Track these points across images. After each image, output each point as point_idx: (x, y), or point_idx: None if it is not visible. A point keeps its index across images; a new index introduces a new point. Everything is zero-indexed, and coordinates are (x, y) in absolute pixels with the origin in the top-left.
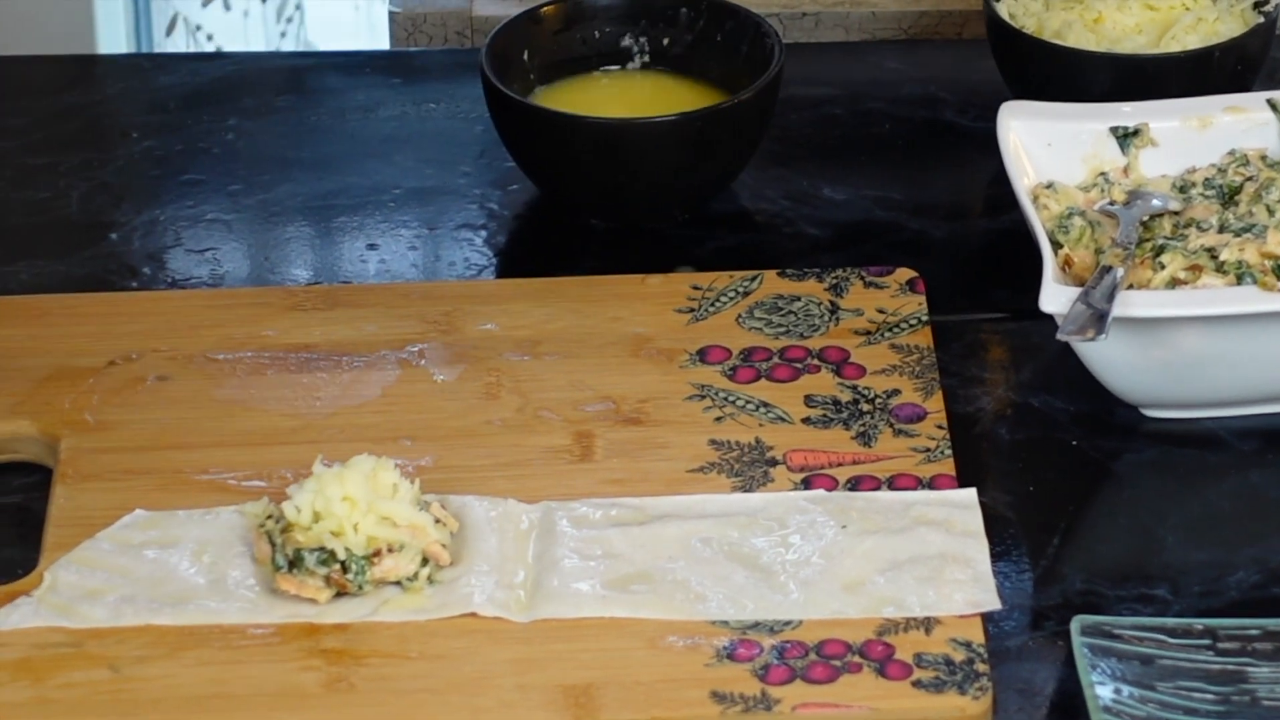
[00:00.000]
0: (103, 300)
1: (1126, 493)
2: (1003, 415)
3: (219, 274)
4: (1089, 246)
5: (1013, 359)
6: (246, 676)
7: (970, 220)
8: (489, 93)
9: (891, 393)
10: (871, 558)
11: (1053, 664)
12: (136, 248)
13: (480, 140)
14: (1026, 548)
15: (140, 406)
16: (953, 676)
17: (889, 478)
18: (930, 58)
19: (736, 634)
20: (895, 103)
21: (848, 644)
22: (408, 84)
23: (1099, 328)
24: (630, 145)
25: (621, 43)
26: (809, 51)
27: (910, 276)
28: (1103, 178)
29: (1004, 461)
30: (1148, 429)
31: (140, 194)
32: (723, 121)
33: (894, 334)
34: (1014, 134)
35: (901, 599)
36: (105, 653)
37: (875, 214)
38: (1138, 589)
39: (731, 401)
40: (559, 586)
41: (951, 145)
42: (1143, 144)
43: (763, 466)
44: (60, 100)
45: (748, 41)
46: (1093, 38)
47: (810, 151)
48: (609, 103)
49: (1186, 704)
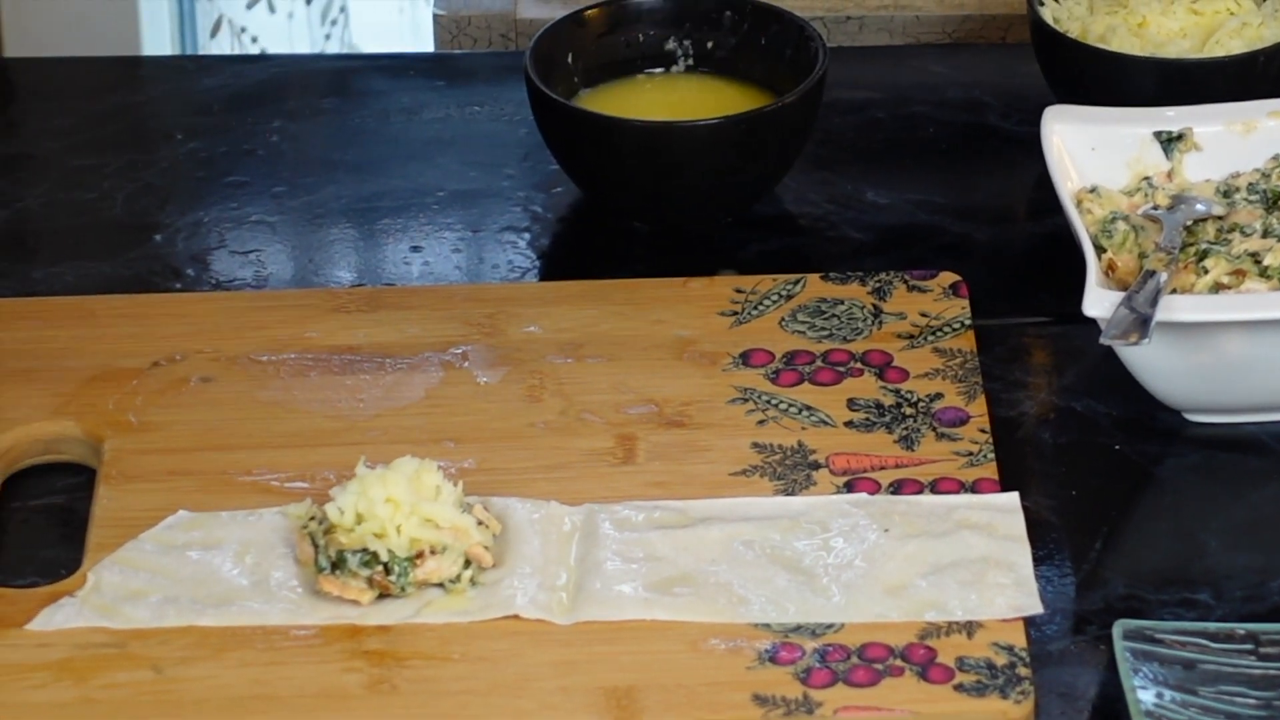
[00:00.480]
0: (147, 302)
1: (1169, 497)
2: (1045, 419)
3: (263, 276)
4: (1132, 251)
5: (1056, 363)
6: (289, 678)
7: (1014, 224)
8: (533, 95)
9: (934, 396)
10: (914, 561)
11: (1095, 668)
12: (180, 249)
13: (524, 143)
14: (1069, 552)
15: (184, 408)
16: (995, 680)
17: (931, 481)
18: (974, 61)
19: (778, 637)
20: (939, 106)
21: (890, 647)
22: (452, 86)
23: (1142, 332)
24: (674, 148)
25: (666, 46)
26: (853, 55)
27: (953, 280)
28: (1146, 182)
29: (1046, 465)
30: (1190, 433)
31: (184, 196)
32: (767, 125)
33: (937, 338)
34: (1058, 138)
35: (943, 603)
36: (148, 653)
37: (919, 218)
38: (1180, 594)
39: (774, 405)
40: (601, 589)
41: (995, 149)
42: (1187, 148)
43: (805, 470)
44: (105, 102)
45: (792, 45)
46: (1137, 42)
47: (854, 155)
48: (653, 106)
49: (1228, 709)
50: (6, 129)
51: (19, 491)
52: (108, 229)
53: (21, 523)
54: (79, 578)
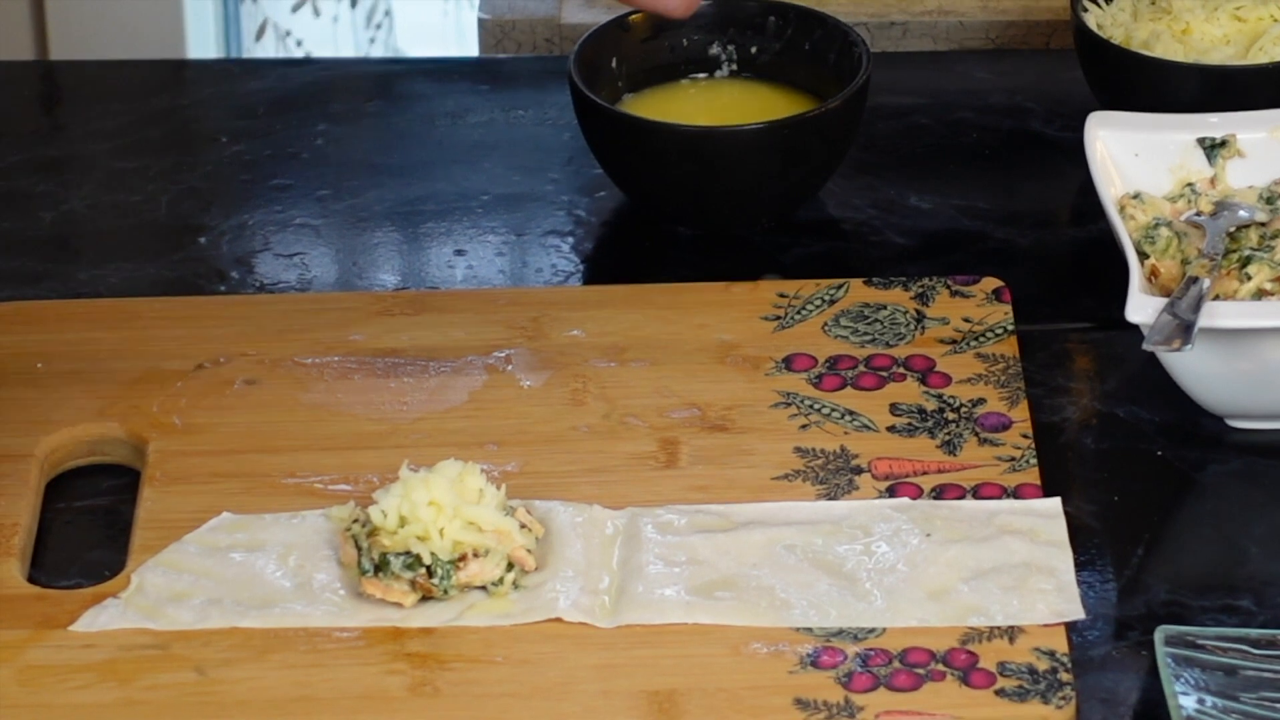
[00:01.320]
0: (191, 304)
1: (1211, 503)
2: (1088, 425)
3: (307, 279)
4: (1175, 257)
5: (1098, 369)
6: (331, 680)
7: (1057, 230)
8: (577, 100)
9: (977, 402)
10: (955, 566)
11: (1136, 674)
12: (225, 252)
13: (568, 147)
14: (1111, 557)
15: (228, 410)
16: (1036, 685)
17: (973, 486)
18: (1017, 67)
19: (820, 641)
20: (982, 112)
21: (931, 652)
22: (496, 91)
23: (1185, 338)
24: (717, 153)
25: (709, 51)
26: (897, 60)
27: (996, 286)
28: (1189, 188)
29: (1089, 471)
30: (1233, 440)
31: (229, 198)
32: (810, 130)
33: (980, 343)
34: (1101, 144)
35: (985, 607)
36: (191, 655)
37: (962, 223)
38: (1222, 600)
39: (817, 409)
40: (644, 593)
41: (1038, 155)
42: (1230, 155)
43: (847, 474)
44: (150, 104)
45: (835, 50)
46: (1180, 48)
47: (897, 160)
48: (696, 110)
49: (1270, 715)
50: (52, 131)
51: (63, 493)
52: (152, 231)
53: (66, 524)
54: (123, 579)
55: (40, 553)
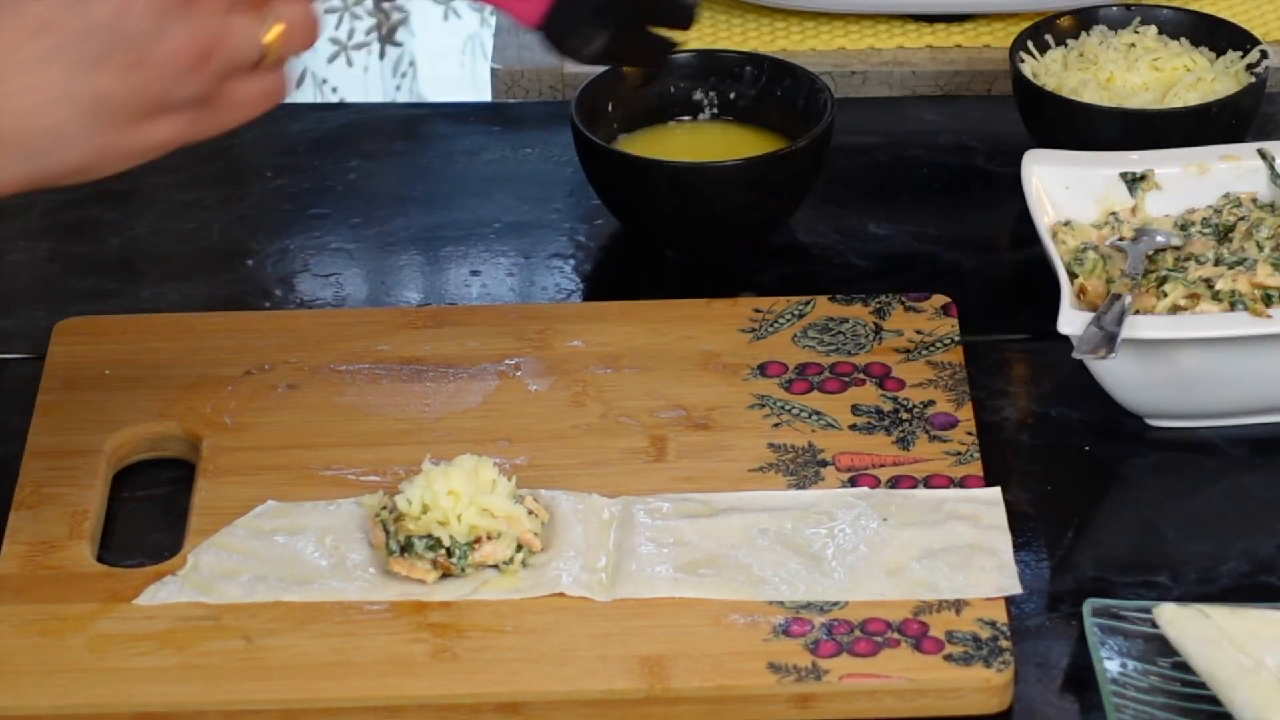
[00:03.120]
0: (240, 318)
1: (1132, 492)
2: (1024, 424)
3: (341, 296)
4: (1101, 277)
5: (1034, 375)
6: (363, 647)
7: (997, 253)
8: (578, 140)
9: (927, 403)
10: (909, 547)
11: (1067, 641)
12: (270, 272)
13: (570, 181)
14: (1044, 540)
15: (272, 411)
16: (979, 652)
17: (925, 477)
18: (963, 111)
19: (791, 613)
20: (932, 150)
21: (888, 622)
22: (507, 131)
23: (1109, 347)
24: (700, 186)
25: (693, 96)
26: (857, 105)
27: (945, 302)
28: (1113, 217)
29: (1025, 464)
30: (1151, 437)
31: (273, 226)
32: (781, 165)
33: (930, 352)
34: (1036, 178)
35: (935, 583)
36: (240, 625)
37: (914, 247)
38: (1142, 576)
39: (788, 410)
40: (636, 570)
41: (981, 187)
42: (1149, 187)
43: (814, 467)
44: (204, 144)
45: (804, 96)
46: (1105, 94)
47: (858, 192)
48: (682, 149)
49: (1184, 676)
50: None
51: (128, 484)
52: (206, 254)
53: (130, 511)
54: (180, 559)
55: (108, 536)
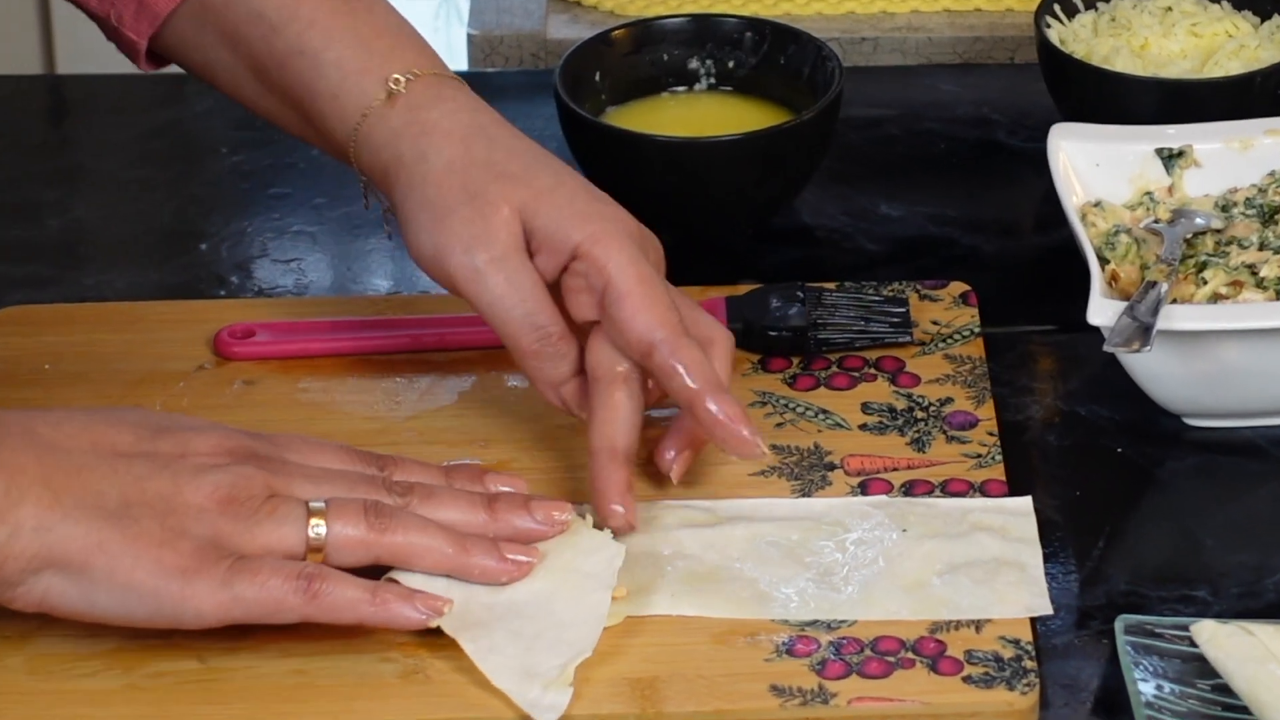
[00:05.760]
0: (193, 308)
1: (1169, 498)
2: (1051, 423)
3: (303, 283)
4: (1135, 262)
5: (1061, 369)
6: (327, 667)
7: (1021, 236)
8: (562, 112)
9: (945, 401)
10: (930, 561)
11: (1097, 661)
12: (225, 257)
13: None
14: (1073, 550)
15: (227, 409)
16: (1002, 673)
17: (942, 482)
18: (984, 81)
19: (795, 630)
20: (950, 124)
21: (901, 641)
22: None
23: (1144, 340)
24: (696, 163)
25: (689, 65)
26: (868, 74)
27: (963, 290)
28: (1148, 197)
29: (1052, 468)
30: (1190, 437)
31: (229, 206)
32: (785, 141)
33: (947, 345)
34: (1064, 154)
35: (957, 601)
36: (192, 644)
37: (930, 230)
38: (1179, 590)
39: (792, 408)
40: (631, 583)
41: (1003, 165)
42: (1187, 165)
43: (821, 471)
44: (153, 117)
45: (809, 64)
46: (1139, 63)
47: (868, 170)
48: (676, 122)
49: (1225, 700)
50: (60, 143)
51: None
52: (156, 238)
53: None
54: None
55: None
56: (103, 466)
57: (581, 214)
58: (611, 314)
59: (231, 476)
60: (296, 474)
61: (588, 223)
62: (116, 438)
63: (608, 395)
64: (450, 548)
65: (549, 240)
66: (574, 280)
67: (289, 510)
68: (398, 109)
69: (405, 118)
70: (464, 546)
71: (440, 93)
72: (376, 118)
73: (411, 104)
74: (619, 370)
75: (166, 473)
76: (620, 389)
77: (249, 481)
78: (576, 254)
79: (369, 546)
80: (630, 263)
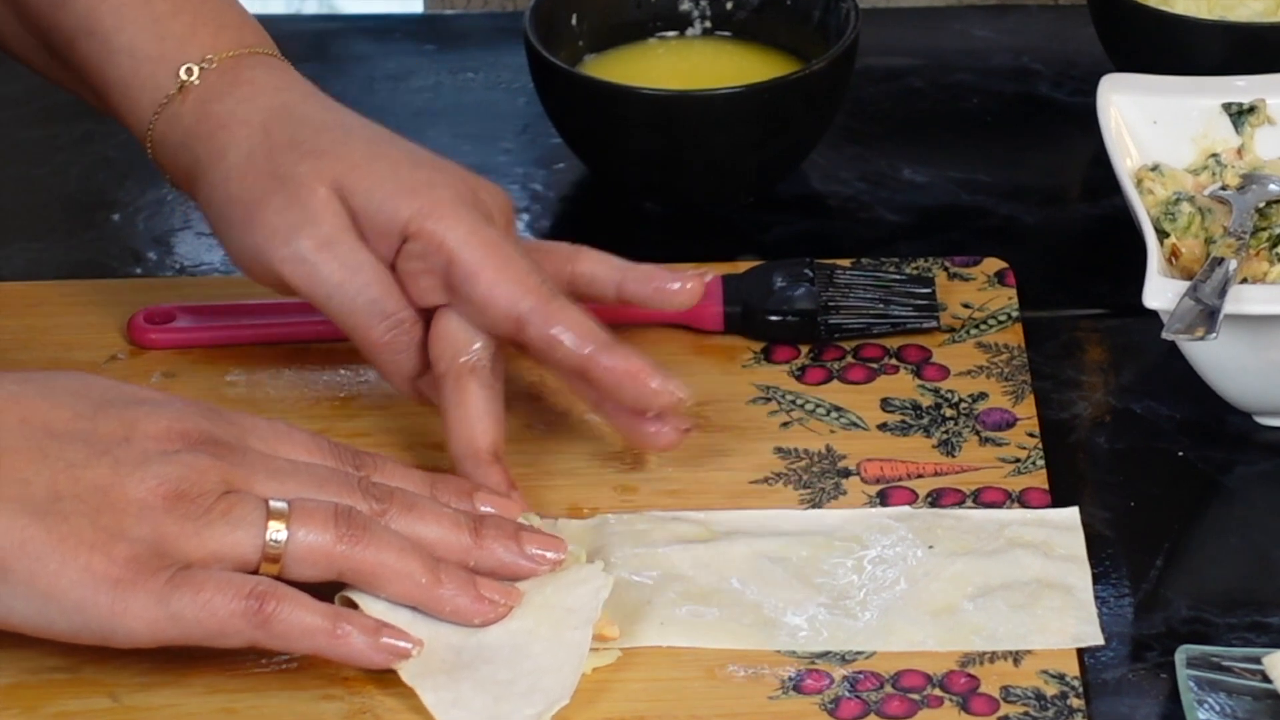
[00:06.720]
0: (103, 288)
1: (1238, 509)
2: (1101, 422)
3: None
4: (1198, 236)
5: (1113, 360)
6: (260, 706)
7: (1066, 205)
8: (533, 61)
9: (977, 396)
10: (960, 583)
11: (1155, 699)
12: (141, 230)
13: (523, 114)
14: (1127, 570)
15: None
16: (1044, 713)
17: (974, 491)
18: (1023, 25)
19: (804, 663)
20: (983, 74)
21: (927, 675)
22: (443, 51)
23: (1209, 326)
24: (688, 120)
25: (680, 6)
26: (888, 17)
27: (999, 268)
28: (1214, 159)
29: (1102, 474)
30: (1262, 439)
31: (145, 171)
32: (792, 94)
33: (981, 331)
34: (1116, 110)
35: (992, 630)
36: (103, 679)
37: (961, 198)
38: (1250, 616)
39: (800, 405)
40: (611, 610)
41: (1046, 122)
42: (1259, 122)
43: (834, 478)
44: None
45: (820, 6)
46: (1204, 4)
47: (889, 129)
48: (666, 73)
49: None
50: None
51: None
52: (61, 208)
53: None
54: None
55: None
56: (31, 449)
57: (406, 187)
58: (465, 294)
59: (181, 468)
60: (259, 466)
61: (414, 196)
62: (50, 414)
63: (457, 391)
64: (424, 576)
65: (374, 221)
66: (411, 263)
67: (245, 510)
68: (190, 104)
69: (198, 113)
70: (438, 577)
71: (237, 77)
72: (170, 115)
73: (204, 96)
74: (463, 361)
75: (106, 459)
76: (469, 380)
77: (201, 475)
78: (408, 233)
79: (333, 560)
80: (470, 233)
